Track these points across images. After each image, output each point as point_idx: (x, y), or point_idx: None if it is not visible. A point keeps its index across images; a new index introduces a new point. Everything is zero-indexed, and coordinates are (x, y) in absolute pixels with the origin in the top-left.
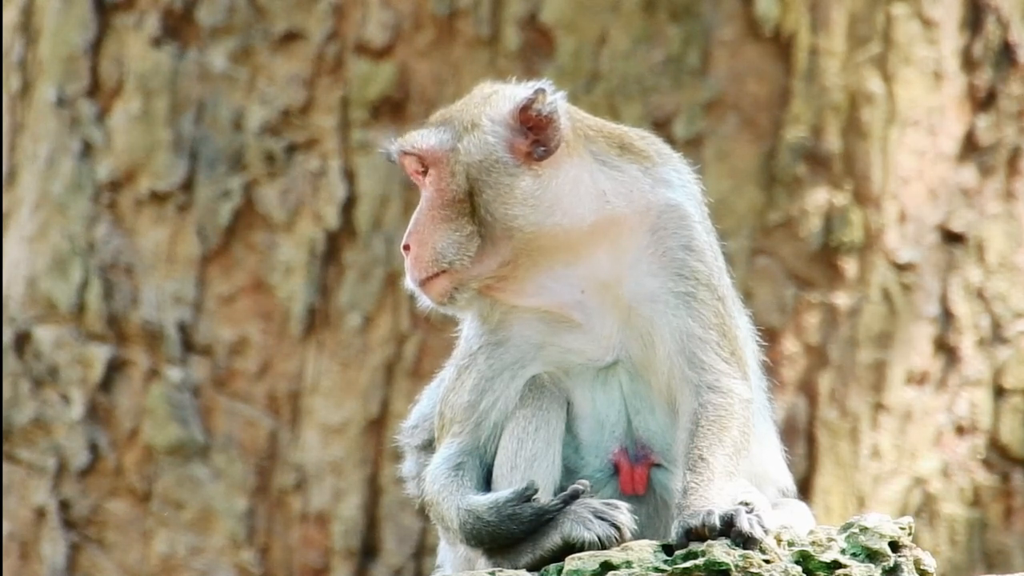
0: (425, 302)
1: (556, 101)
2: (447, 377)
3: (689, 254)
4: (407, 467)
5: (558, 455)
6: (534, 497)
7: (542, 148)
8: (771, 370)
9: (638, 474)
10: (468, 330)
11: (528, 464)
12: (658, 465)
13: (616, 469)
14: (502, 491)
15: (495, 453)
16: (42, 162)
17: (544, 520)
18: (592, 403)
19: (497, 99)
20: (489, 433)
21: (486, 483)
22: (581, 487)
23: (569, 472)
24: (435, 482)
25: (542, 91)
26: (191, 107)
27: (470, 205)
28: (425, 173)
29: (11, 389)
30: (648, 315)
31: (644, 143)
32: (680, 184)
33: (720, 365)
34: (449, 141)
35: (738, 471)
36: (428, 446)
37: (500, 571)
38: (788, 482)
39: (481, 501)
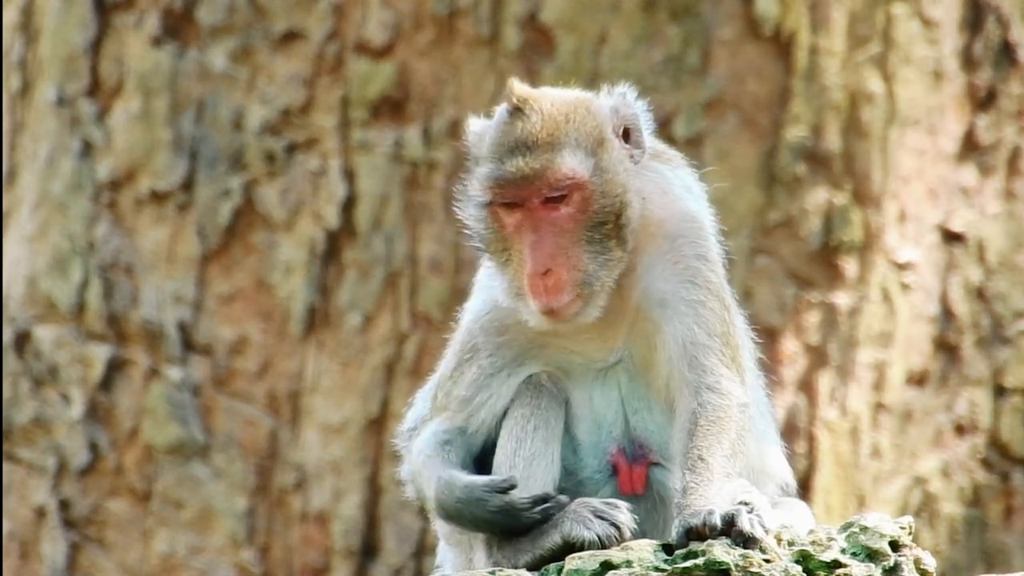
0: (541, 322)
1: (634, 103)
2: (445, 359)
3: (704, 263)
4: (405, 470)
5: (557, 454)
6: (510, 491)
7: (640, 151)
8: (771, 369)
9: (636, 474)
10: (469, 320)
11: (527, 463)
12: (656, 464)
13: (614, 469)
14: (483, 476)
15: (481, 445)
16: (42, 162)
17: (510, 515)
18: (590, 403)
19: (597, 110)
20: (478, 427)
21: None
22: (553, 497)
23: (568, 473)
24: (422, 453)
25: (624, 95)
26: (191, 107)
27: (614, 225)
28: (561, 200)
29: (11, 389)
30: (655, 319)
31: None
32: (699, 191)
33: (720, 369)
34: (589, 161)
35: (735, 472)
36: None
37: (500, 571)
38: (788, 477)
39: (460, 477)
